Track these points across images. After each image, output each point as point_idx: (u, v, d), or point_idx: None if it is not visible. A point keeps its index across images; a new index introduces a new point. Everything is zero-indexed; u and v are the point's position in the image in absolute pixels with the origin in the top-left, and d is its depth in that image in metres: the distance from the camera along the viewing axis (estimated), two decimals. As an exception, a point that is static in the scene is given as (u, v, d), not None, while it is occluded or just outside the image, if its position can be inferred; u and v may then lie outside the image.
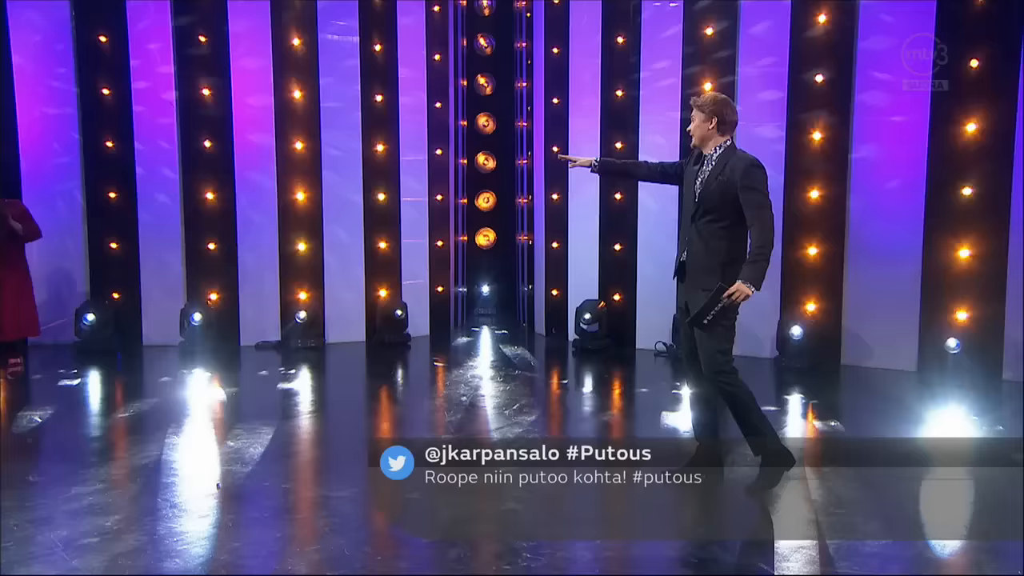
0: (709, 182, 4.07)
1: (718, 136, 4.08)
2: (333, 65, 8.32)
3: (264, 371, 7.21)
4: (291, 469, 4.71)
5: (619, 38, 8.10)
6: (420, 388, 7.13)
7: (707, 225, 4.02)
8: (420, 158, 8.88)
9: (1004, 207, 6.35)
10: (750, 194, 3.93)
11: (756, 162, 4.00)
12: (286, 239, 8.29)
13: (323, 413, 5.97)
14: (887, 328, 6.88)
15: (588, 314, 8.02)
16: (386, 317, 8.43)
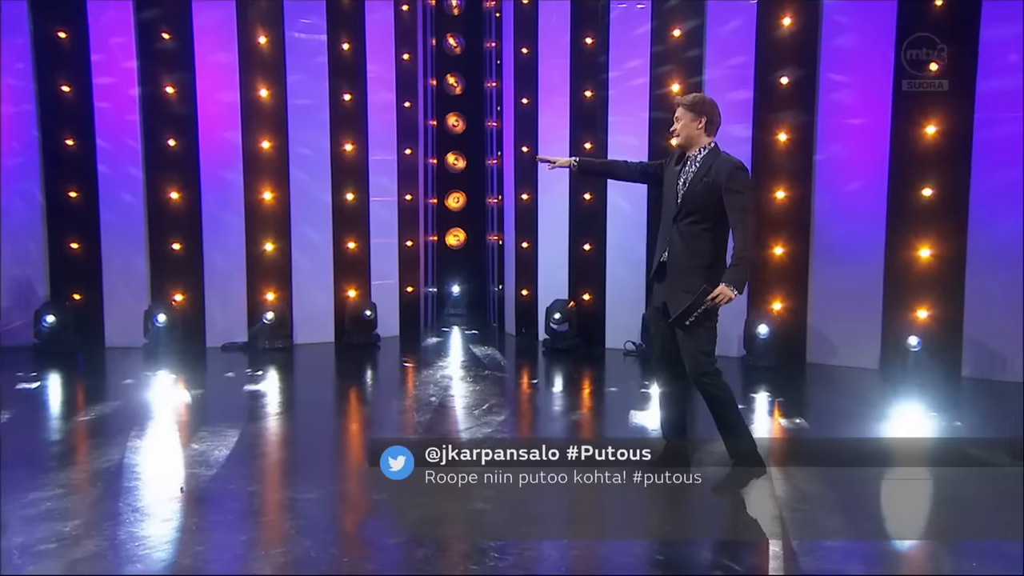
0: (694, 184, 4.03)
1: (705, 137, 4.07)
2: (301, 63, 8.25)
3: (230, 373, 7.13)
4: (257, 471, 4.65)
5: (588, 38, 8.13)
6: (389, 389, 7.09)
7: (689, 226, 4.01)
8: (389, 157, 8.83)
9: (962, 208, 6.48)
10: (734, 197, 3.92)
11: (741, 165, 4.00)
12: (253, 239, 8.20)
13: (290, 415, 5.92)
14: (851, 327, 6.99)
15: (558, 314, 8.03)
16: (355, 318, 8.37)
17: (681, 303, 3.97)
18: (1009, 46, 6.24)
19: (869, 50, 6.86)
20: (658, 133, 7.78)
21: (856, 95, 6.93)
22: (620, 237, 8.07)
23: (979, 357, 6.51)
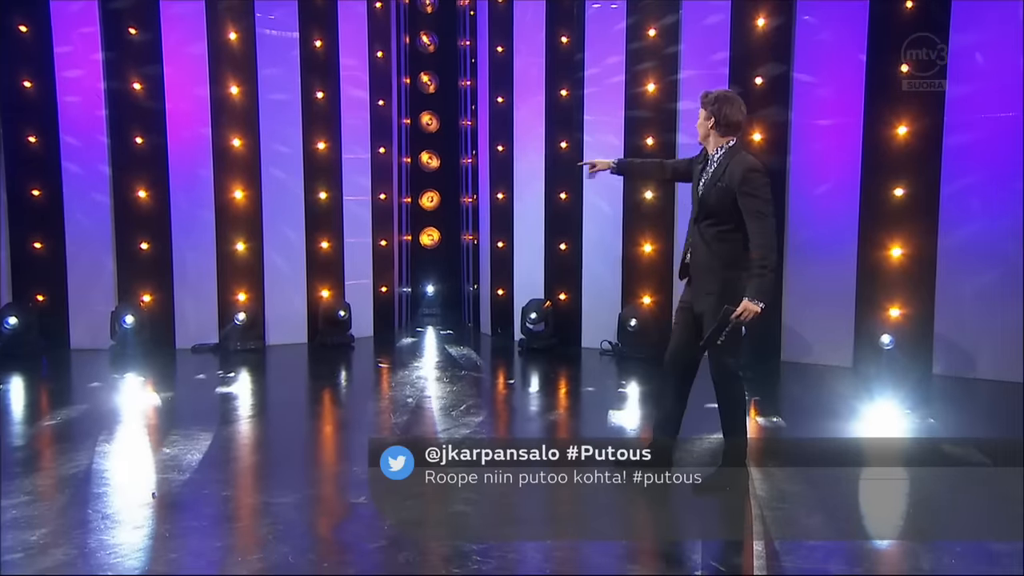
0: (709, 186, 3.98)
1: (719, 136, 3.99)
2: (272, 59, 8.13)
3: (201, 375, 7.00)
4: (231, 475, 4.56)
5: (563, 37, 8.10)
6: (364, 390, 7.02)
7: (708, 228, 3.97)
8: (363, 156, 8.74)
9: (933, 208, 6.57)
10: (748, 201, 3.83)
11: (756, 166, 3.89)
12: (224, 238, 8.07)
13: (264, 417, 5.82)
14: (825, 325, 7.05)
15: (534, 313, 8.01)
16: (329, 318, 8.28)
17: (706, 306, 3.95)
18: (978, 49, 6.34)
19: (842, 50, 6.92)
20: (634, 132, 7.80)
21: (830, 95, 6.98)
22: (597, 236, 8.06)
23: (950, 355, 6.60)
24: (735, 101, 4.00)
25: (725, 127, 3.99)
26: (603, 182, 7.85)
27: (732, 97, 4.02)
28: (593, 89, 7.96)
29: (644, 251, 7.84)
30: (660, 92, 7.68)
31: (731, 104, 3.98)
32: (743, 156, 3.97)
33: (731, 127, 3.99)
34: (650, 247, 7.82)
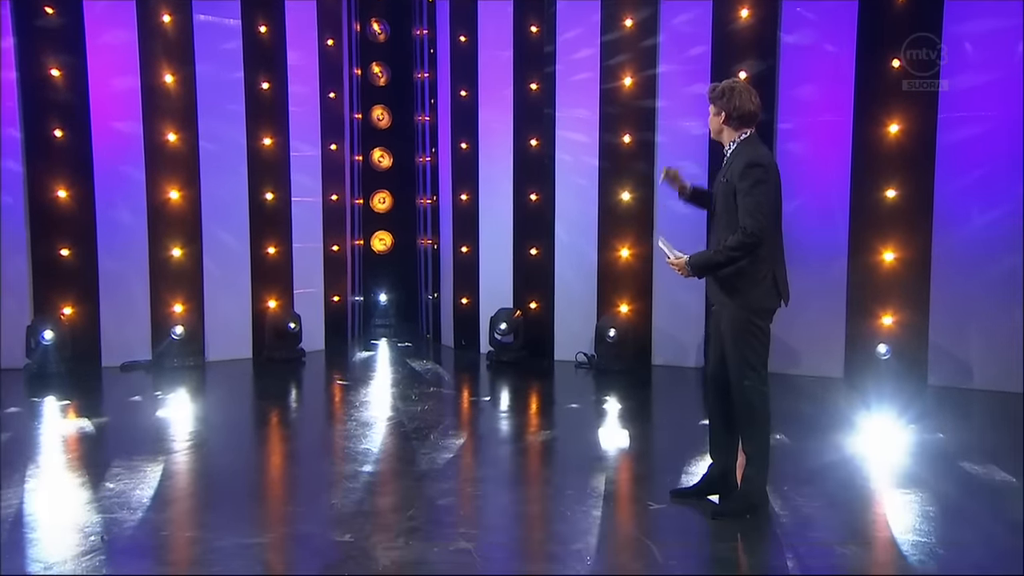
0: (715, 184, 3.96)
1: (731, 130, 3.93)
2: (212, 47, 7.79)
3: (136, 396, 6.57)
4: (192, 513, 4.19)
5: (532, 27, 7.97)
6: (325, 411, 6.69)
7: (722, 231, 3.91)
8: (312, 153, 8.48)
9: (927, 209, 6.62)
10: (742, 198, 3.78)
11: (757, 160, 3.81)
12: (159, 243, 7.69)
13: (217, 444, 5.43)
14: (814, 334, 7.03)
15: (503, 324, 7.82)
16: (277, 330, 7.95)
17: (724, 316, 3.94)
18: (972, 43, 6.42)
19: (829, 44, 6.94)
20: (610, 130, 7.70)
21: (817, 91, 6.99)
22: (570, 240, 7.95)
23: (945, 365, 6.65)
24: (745, 90, 3.94)
25: (739, 119, 3.92)
26: (574, 180, 7.85)
27: (741, 86, 3.95)
28: (565, 83, 7.85)
29: (621, 256, 7.74)
30: (637, 87, 7.60)
31: (741, 94, 3.91)
32: (751, 148, 3.89)
33: (745, 118, 3.92)
34: (628, 251, 7.72)
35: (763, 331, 3.94)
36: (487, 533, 3.85)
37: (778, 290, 3.94)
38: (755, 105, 3.92)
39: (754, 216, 3.75)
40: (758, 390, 3.96)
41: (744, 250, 3.79)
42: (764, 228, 3.77)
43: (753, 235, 3.76)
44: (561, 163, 7.93)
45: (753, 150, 3.87)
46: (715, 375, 4.11)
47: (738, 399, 3.98)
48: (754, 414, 3.98)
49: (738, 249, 3.79)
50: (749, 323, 3.90)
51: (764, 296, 3.90)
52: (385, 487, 4.48)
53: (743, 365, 3.92)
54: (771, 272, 3.90)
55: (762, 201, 3.78)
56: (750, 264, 3.85)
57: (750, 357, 3.92)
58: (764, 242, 3.81)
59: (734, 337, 3.92)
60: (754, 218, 3.75)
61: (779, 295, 3.96)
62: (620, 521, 4.09)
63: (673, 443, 5.40)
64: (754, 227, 3.76)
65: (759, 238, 3.77)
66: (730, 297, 3.91)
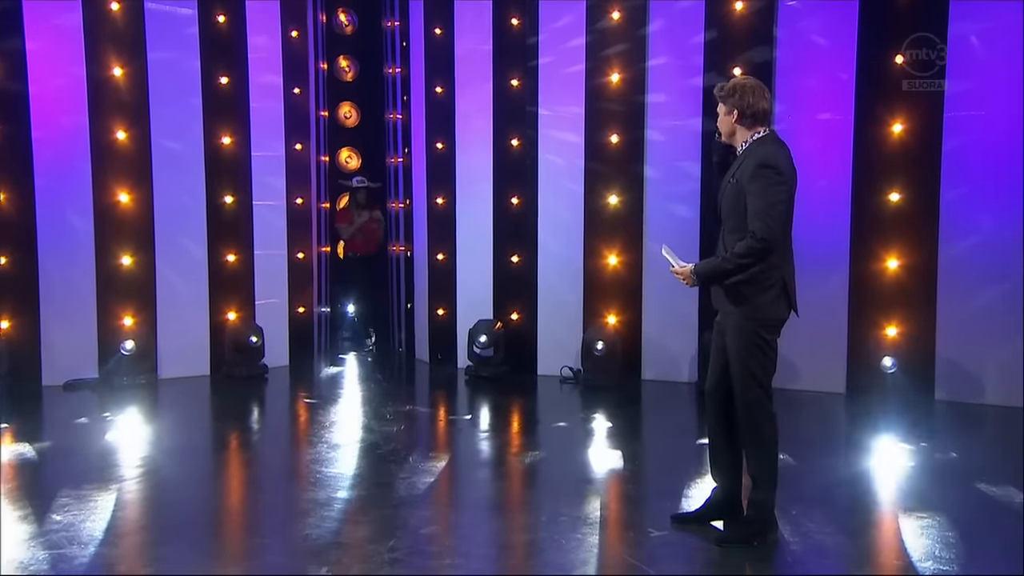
0: (723, 187, 3.93)
1: (744, 129, 3.91)
2: (165, 36, 7.64)
3: (83, 418, 6.38)
4: (148, 547, 4.03)
5: (514, 18, 7.91)
6: (292, 432, 6.55)
7: (730, 236, 3.88)
8: (276, 153, 8.34)
9: (933, 214, 6.65)
10: (751, 200, 3.75)
11: (768, 160, 3.78)
12: (107, 250, 7.51)
13: (176, 469, 5.26)
14: (814, 347, 6.99)
15: (483, 336, 7.74)
16: (237, 345, 7.81)
17: (729, 325, 3.90)
18: (980, 39, 6.45)
19: (830, 38, 6.96)
20: (597, 128, 7.68)
21: (817, 88, 7.00)
22: (554, 247, 7.90)
23: (953, 379, 6.66)
24: (757, 87, 3.93)
25: (751, 118, 3.90)
26: (559, 182, 7.81)
27: (753, 84, 3.95)
28: (549, 78, 7.80)
29: (609, 263, 7.70)
30: (626, 82, 7.57)
31: (753, 91, 3.90)
32: (765, 148, 3.86)
33: (758, 117, 3.91)
34: (616, 258, 7.68)
35: (770, 344, 3.91)
36: (476, 564, 3.76)
37: (788, 299, 3.89)
38: (768, 102, 3.91)
39: (764, 220, 3.71)
40: (764, 407, 3.92)
41: (754, 256, 3.75)
42: (775, 233, 3.73)
43: (763, 240, 3.71)
44: (545, 164, 7.87)
45: (766, 150, 3.84)
46: (715, 390, 4.06)
47: (742, 417, 3.94)
48: (759, 433, 3.93)
49: (747, 256, 3.75)
50: (756, 335, 3.86)
51: (773, 305, 3.86)
52: (362, 515, 4.37)
53: (748, 380, 3.88)
54: (781, 279, 3.86)
55: (774, 203, 3.73)
56: (759, 270, 3.80)
57: (756, 371, 3.88)
58: (776, 248, 3.76)
59: (739, 349, 3.88)
60: (764, 222, 3.71)
61: (789, 305, 3.91)
62: (619, 549, 4.02)
63: (669, 464, 5.37)
64: (764, 231, 3.71)
65: (770, 243, 3.73)
66: (736, 305, 3.87)
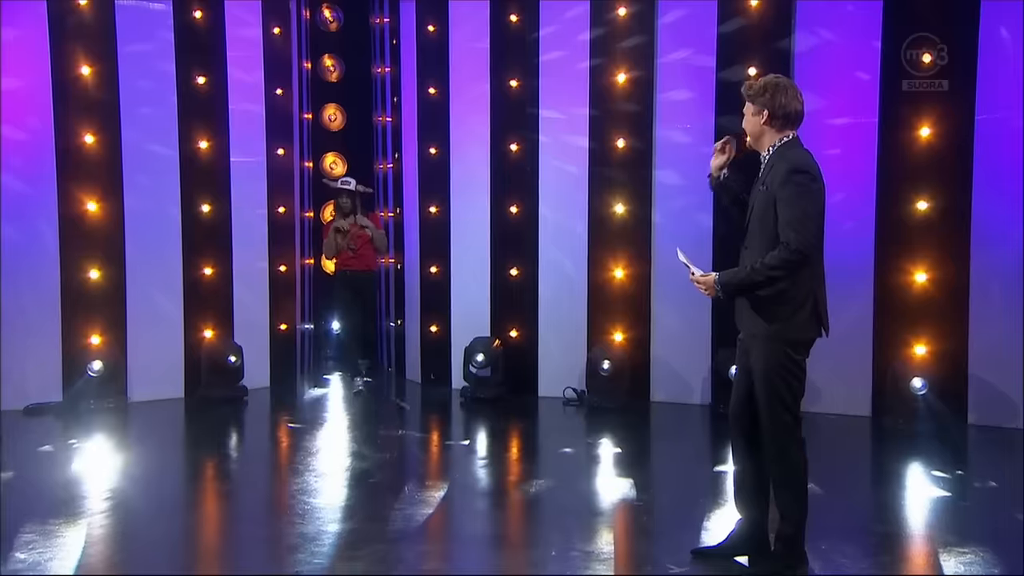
0: (753, 196, 3.91)
1: (773, 132, 3.88)
2: (138, 33, 7.65)
3: (46, 446, 6.28)
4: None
5: (512, 14, 7.94)
6: (276, 460, 6.49)
7: (754, 252, 3.83)
8: (257, 159, 8.37)
9: (964, 223, 6.65)
10: (783, 209, 3.71)
11: (800, 166, 3.76)
12: (73, 263, 7.49)
13: (149, 501, 5.18)
14: (836, 366, 6.91)
15: (481, 355, 7.72)
16: (215, 365, 7.79)
17: (755, 350, 3.85)
18: (1011, 33, 6.46)
19: (852, 35, 6.98)
20: (602, 132, 7.71)
21: (839, 89, 7.00)
22: (556, 258, 7.92)
23: (987, 401, 6.64)
24: (790, 87, 3.91)
25: (783, 119, 3.87)
26: (561, 189, 7.79)
27: (785, 82, 3.93)
28: (551, 78, 7.84)
29: (615, 276, 7.71)
30: (634, 82, 7.60)
31: (787, 90, 3.88)
32: (794, 153, 3.84)
33: (789, 119, 3.88)
34: (622, 271, 7.69)
35: (800, 366, 3.86)
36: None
37: (819, 318, 3.85)
38: (800, 103, 3.88)
39: (798, 230, 3.67)
40: (792, 433, 3.87)
41: (787, 268, 3.70)
42: (810, 243, 3.70)
43: (798, 252, 3.67)
44: (546, 170, 7.89)
45: (796, 155, 3.82)
46: (740, 415, 4.01)
47: (769, 444, 3.89)
48: (788, 461, 3.88)
49: (780, 268, 3.70)
50: (785, 356, 3.81)
51: (804, 325, 3.81)
52: (355, 550, 4.28)
53: (776, 404, 3.83)
54: (812, 296, 3.81)
55: (809, 212, 3.71)
56: (790, 286, 3.75)
57: (784, 395, 3.82)
58: (810, 260, 3.73)
59: (766, 372, 3.83)
60: (798, 232, 3.67)
61: (820, 324, 3.87)
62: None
63: (686, 493, 5.31)
64: (800, 242, 3.67)
65: (804, 255, 3.69)
66: (764, 325, 3.82)
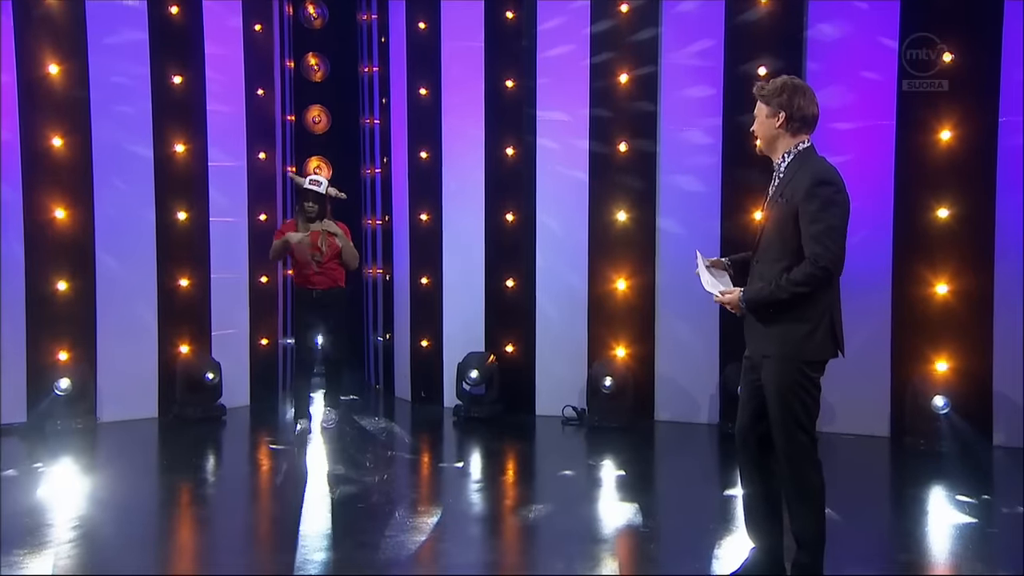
0: (770, 206, 3.89)
1: (788, 137, 3.87)
2: (109, 31, 7.64)
3: (9, 470, 6.22)
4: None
5: (508, 12, 7.95)
6: (256, 484, 6.44)
7: (767, 267, 3.82)
8: (237, 163, 8.36)
9: (988, 232, 6.63)
10: (807, 224, 3.68)
11: (826, 176, 3.76)
12: (39, 274, 7.44)
13: (121, 530, 5.12)
14: (852, 384, 6.85)
15: (474, 371, 7.73)
16: (191, 383, 7.76)
17: (766, 372, 3.83)
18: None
19: (867, 39, 6.97)
20: (603, 135, 7.71)
21: (853, 91, 6.99)
22: (553, 270, 7.93)
23: (1013, 421, 6.60)
24: (808, 89, 3.92)
25: (800, 123, 3.86)
26: (560, 196, 7.80)
27: (801, 84, 3.93)
28: (549, 79, 7.85)
29: (617, 289, 7.69)
30: (635, 83, 7.59)
31: (805, 92, 3.88)
32: (814, 162, 3.85)
33: (806, 122, 3.89)
34: (625, 283, 7.68)
35: (815, 383, 3.84)
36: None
37: (835, 338, 3.84)
38: (817, 107, 3.89)
39: (826, 244, 3.66)
40: (809, 456, 3.84)
41: (813, 285, 3.69)
42: (838, 258, 3.70)
43: (825, 268, 3.67)
44: (544, 175, 7.89)
45: (817, 164, 3.82)
46: (748, 437, 3.98)
47: (785, 468, 3.87)
48: (804, 485, 3.85)
49: (806, 284, 3.69)
50: (800, 374, 3.78)
51: (819, 346, 3.79)
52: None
53: (791, 425, 3.80)
54: (828, 315, 3.80)
55: (835, 226, 3.70)
56: (807, 304, 3.74)
57: (800, 416, 3.80)
58: (836, 276, 3.73)
59: (781, 392, 3.80)
60: (826, 246, 3.66)
61: (836, 344, 3.85)
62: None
63: (694, 519, 5.28)
64: (827, 257, 3.66)
65: (831, 271, 3.69)
66: (778, 345, 3.80)
